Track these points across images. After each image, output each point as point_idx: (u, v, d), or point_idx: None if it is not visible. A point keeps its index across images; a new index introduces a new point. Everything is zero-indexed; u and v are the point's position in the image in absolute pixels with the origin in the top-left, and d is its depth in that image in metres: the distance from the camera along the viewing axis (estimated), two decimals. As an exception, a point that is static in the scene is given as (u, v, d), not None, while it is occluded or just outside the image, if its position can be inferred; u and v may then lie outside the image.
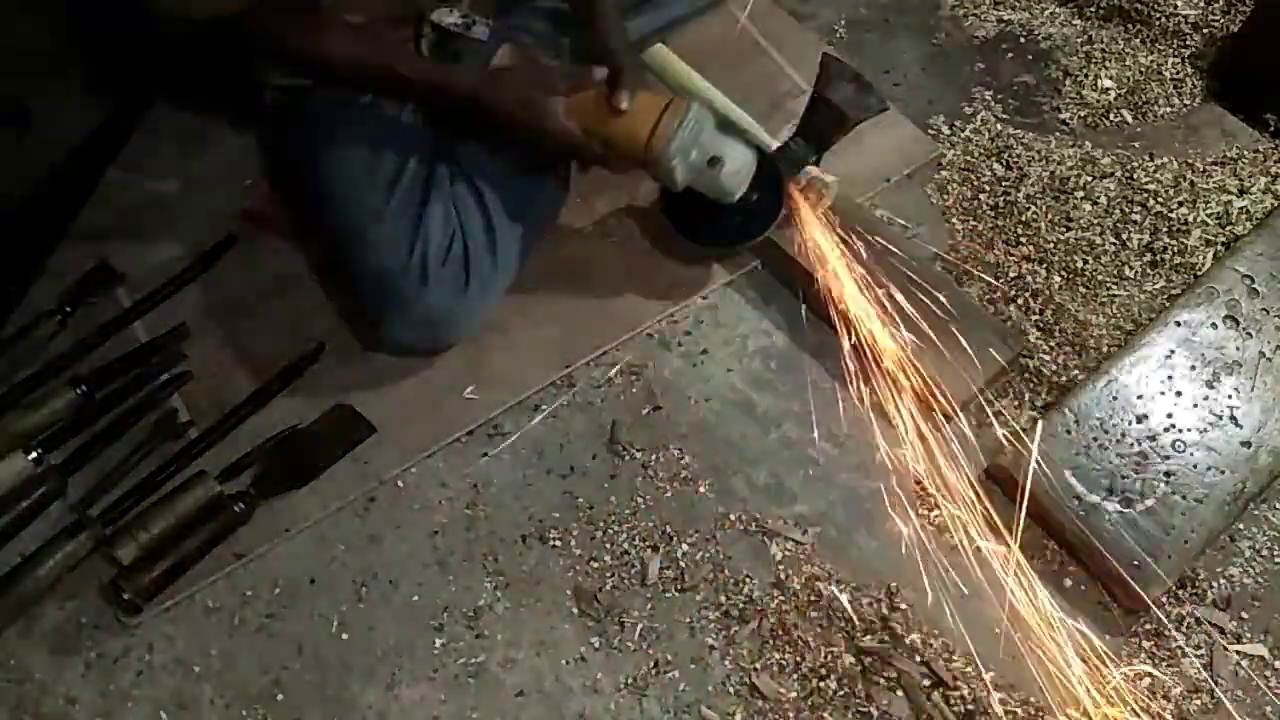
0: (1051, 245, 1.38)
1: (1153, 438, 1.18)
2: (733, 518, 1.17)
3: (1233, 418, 1.20)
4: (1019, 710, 1.06)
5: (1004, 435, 1.23)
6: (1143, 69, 1.60)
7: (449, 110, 1.18)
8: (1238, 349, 1.25)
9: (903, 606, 1.11)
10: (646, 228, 1.38)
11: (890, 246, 1.28)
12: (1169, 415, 1.20)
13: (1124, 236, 1.40)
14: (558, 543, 1.15)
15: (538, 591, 1.12)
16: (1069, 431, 1.18)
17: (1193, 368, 1.24)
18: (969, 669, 1.08)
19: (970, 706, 1.06)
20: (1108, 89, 1.58)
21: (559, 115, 1.12)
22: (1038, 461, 1.16)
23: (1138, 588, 1.09)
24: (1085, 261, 1.37)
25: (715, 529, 1.16)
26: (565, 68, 1.15)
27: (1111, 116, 1.55)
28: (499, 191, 1.24)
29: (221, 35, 1.09)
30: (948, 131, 1.51)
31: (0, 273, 1.30)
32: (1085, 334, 1.31)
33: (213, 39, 1.09)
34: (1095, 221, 1.41)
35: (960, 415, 1.23)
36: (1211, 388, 1.22)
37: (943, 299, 1.26)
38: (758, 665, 1.08)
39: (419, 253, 1.17)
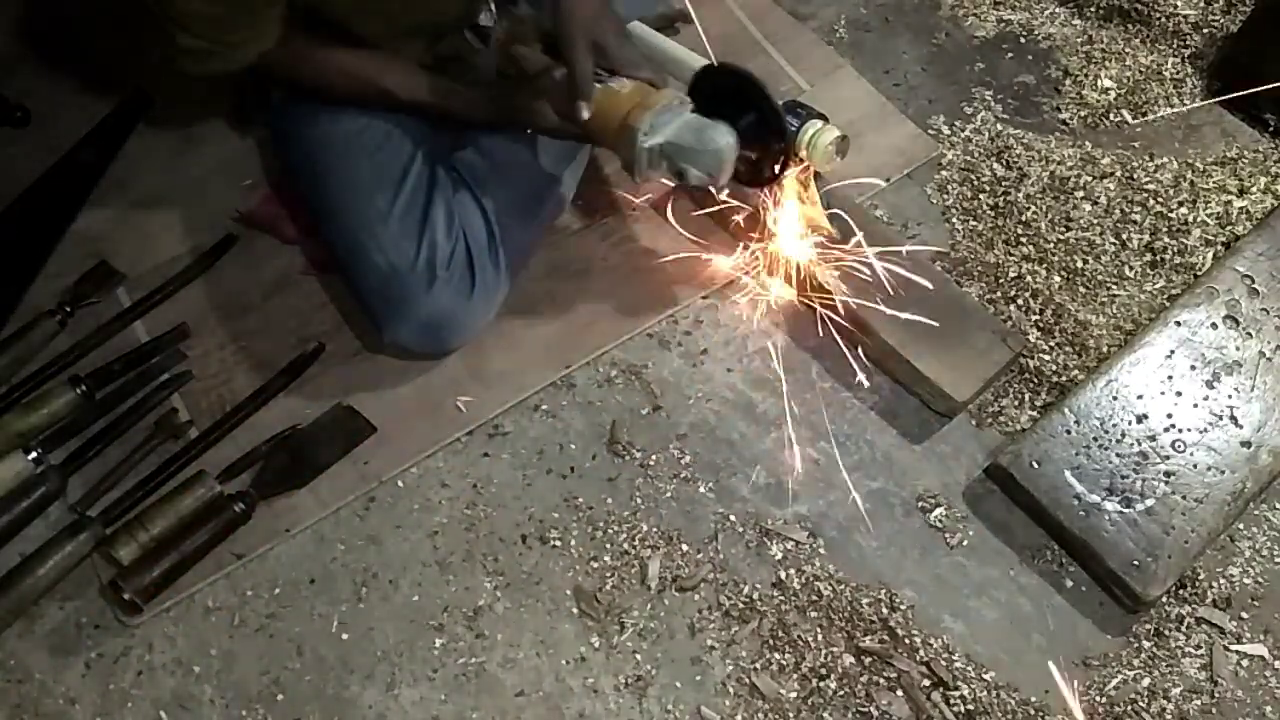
0: (1051, 245, 1.38)
1: (1153, 438, 1.18)
2: (733, 518, 1.17)
3: (1233, 418, 1.20)
4: (1019, 710, 1.06)
5: (1004, 435, 1.24)
6: (1143, 69, 1.60)
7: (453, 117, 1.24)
8: (1238, 349, 1.25)
9: (903, 606, 1.11)
10: (647, 228, 1.38)
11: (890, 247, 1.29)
12: (1169, 415, 1.20)
13: (1124, 236, 1.40)
14: (558, 543, 1.15)
15: (538, 591, 1.12)
16: (1069, 431, 1.18)
17: (1193, 368, 1.24)
18: (969, 669, 1.08)
19: (970, 706, 1.06)
20: (1108, 89, 1.58)
21: (548, 116, 1.15)
22: (1037, 461, 1.16)
23: (1138, 588, 1.09)
24: (1085, 261, 1.37)
25: (715, 529, 1.16)
26: (547, 69, 1.16)
27: (1111, 116, 1.55)
28: (498, 197, 1.25)
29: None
30: (948, 131, 1.51)
31: (0, 273, 1.30)
32: (1085, 334, 1.31)
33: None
34: (1095, 221, 1.41)
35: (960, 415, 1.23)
36: (1211, 388, 1.22)
37: (943, 299, 1.26)
38: (758, 665, 1.08)
39: (425, 254, 1.18)
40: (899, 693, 1.07)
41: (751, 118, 1.12)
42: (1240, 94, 1.55)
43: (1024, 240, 1.39)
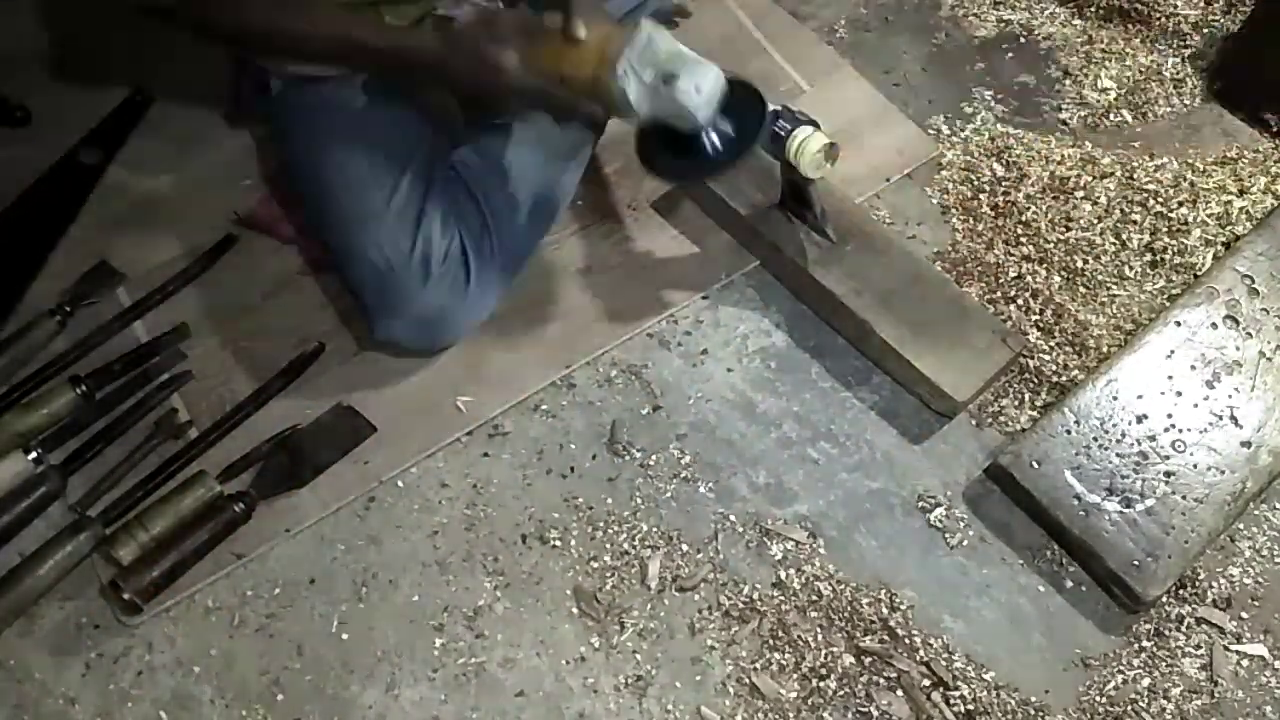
0: (1051, 245, 1.38)
1: (1153, 438, 1.18)
2: (733, 518, 1.17)
3: (1233, 418, 1.20)
4: (1019, 710, 1.06)
5: (1004, 435, 1.24)
6: (1143, 69, 1.60)
7: (414, 77, 1.16)
8: (1238, 349, 1.25)
9: (903, 606, 1.11)
10: (647, 228, 1.38)
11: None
12: (1169, 415, 1.20)
13: (1124, 236, 1.40)
14: (558, 543, 1.15)
15: (538, 591, 1.12)
16: (1069, 431, 1.18)
17: (1193, 368, 1.24)
18: (969, 669, 1.08)
19: (970, 706, 1.06)
20: (1108, 89, 1.58)
21: (516, 67, 1.06)
22: (1037, 461, 1.16)
23: (1138, 588, 1.09)
24: (1085, 261, 1.37)
25: (715, 529, 1.16)
26: (518, 18, 1.09)
27: (1111, 116, 1.55)
28: (496, 196, 1.25)
29: (188, 17, 1.07)
30: (948, 131, 1.51)
31: (0, 273, 1.30)
32: (1085, 334, 1.31)
33: (182, 21, 1.08)
34: (1095, 221, 1.41)
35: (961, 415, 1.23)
36: (1211, 388, 1.22)
37: (943, 299, 1.26)
38: (758, 665, 1.08)
39: (420, 251, 1.18)
40: (899, 693, 1.07)
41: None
42: (1240, 94, 1.55)
43: (1024, 240, 1.39)
